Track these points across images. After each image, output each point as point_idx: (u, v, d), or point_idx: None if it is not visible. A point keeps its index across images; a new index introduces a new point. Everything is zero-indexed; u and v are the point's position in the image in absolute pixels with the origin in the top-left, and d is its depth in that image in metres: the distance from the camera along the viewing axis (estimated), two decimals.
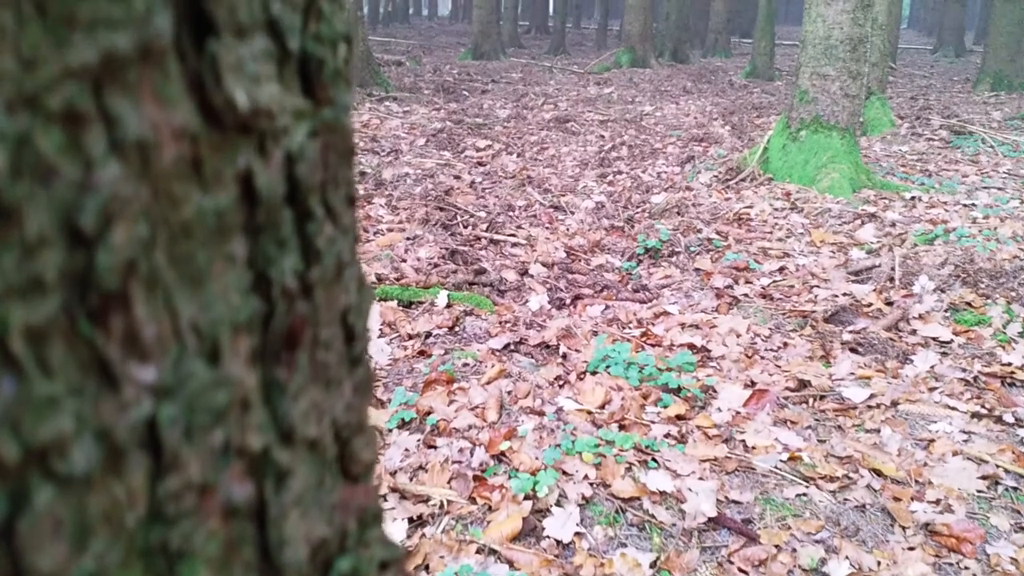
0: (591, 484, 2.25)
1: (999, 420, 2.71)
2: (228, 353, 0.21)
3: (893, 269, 4.04)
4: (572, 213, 5.48)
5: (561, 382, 2.90)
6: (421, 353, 3.11)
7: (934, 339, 3.37)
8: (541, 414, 2.61)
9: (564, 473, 2.27)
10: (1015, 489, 2.34)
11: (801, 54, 5.92)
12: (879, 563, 2.04)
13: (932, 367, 3.13)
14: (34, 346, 0.16)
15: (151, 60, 0.18)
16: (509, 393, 2.75)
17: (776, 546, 2.07)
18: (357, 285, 0.29)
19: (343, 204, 0.27)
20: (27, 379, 0.16)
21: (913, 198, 5.52)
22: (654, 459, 2.37)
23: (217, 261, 0.21)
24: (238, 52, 0.21)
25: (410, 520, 2.09)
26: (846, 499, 2.28)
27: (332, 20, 0.26)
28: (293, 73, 0.24)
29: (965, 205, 5.42)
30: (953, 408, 2.77)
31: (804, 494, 2.29)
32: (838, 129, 5.78)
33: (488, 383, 2.80)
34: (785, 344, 3.31)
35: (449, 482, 2.23)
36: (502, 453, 2.35)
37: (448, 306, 3.59)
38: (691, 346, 3.23)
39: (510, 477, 2.23)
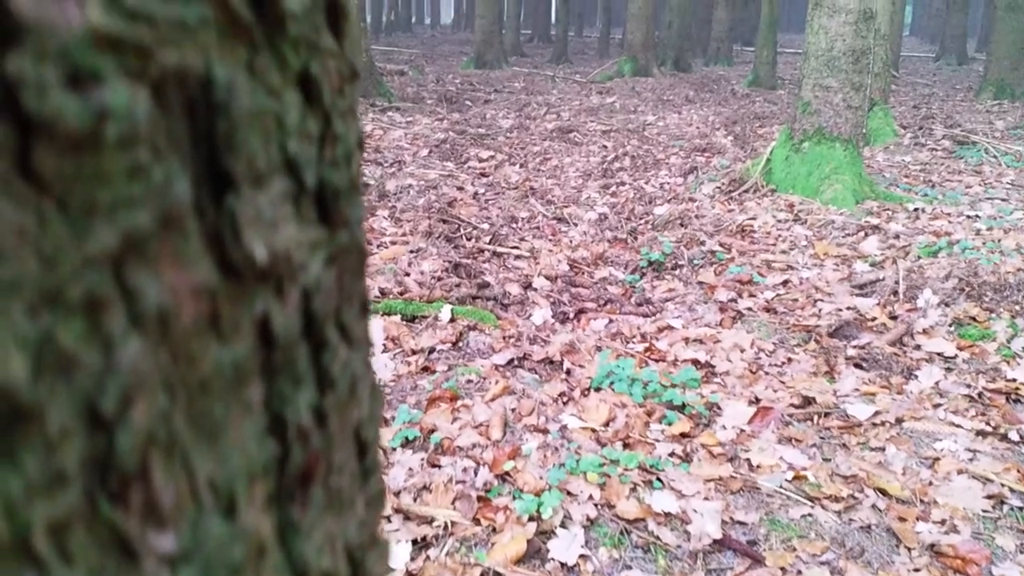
0: (596, 505, 2.25)
1: (1004, 438, 2.70)
2: (244, 504, 0.21)
3: (897, 283, 4.04)
4: (575, 225, 5.48)
5: (565, 399, 2.89)
6: (425, 369, 3.11)
7: (938, 354, 3.36)
8: (545, 432, 2.61)
9: (568, 494, 2.26)
10: (1021, 509, 2.34)
11: (803, 66, 5.93)
12: None
13: (937, 383, 3.12)
14: (56, 539, 0.16)
15: (170, 227, 0.18)
16: (513, 410, 2.74)
17: (782, 568, 2.06)
18: (369, 393, 0.29)
19: (356, 318, 0.27)
20: (48, 572, 0.16)
21: (916, 209, 5.51)
22: (659, 479, 2.37)
23: (234, 412, 0.21)
24: (256, 202, 0.21)
25: (414, 542, 2.09)
26: (851, 519, 2.27)
27: (347, 137, 0.26)
28: (310, 206, 0.24)
29: (968, 216, 5.42)
30: (958, 426, 2.77)
31: (809, 515, 2.28)
32: (841, 140, 5.78)
33: (492, 400, 2.80)
34: (789, 359, 3.30)
35: (453, 503, 2.22)
36: (506, 473, 2.35)
37: (451, 320, 3.59)
38: (695, 361, 3.23)
39: (514, 498, 2.22)
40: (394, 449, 2.46)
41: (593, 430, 2.62)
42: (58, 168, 0.16)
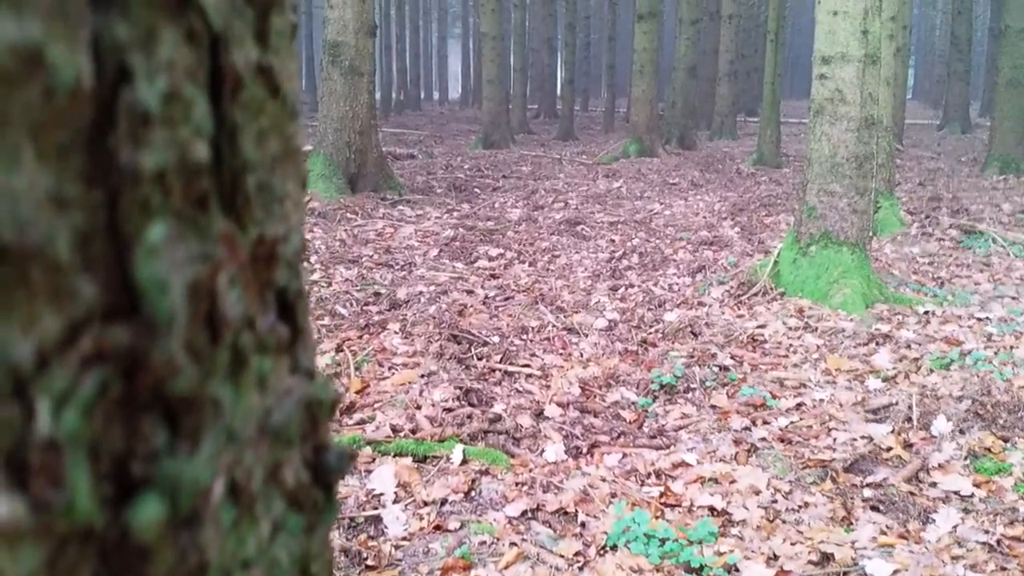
0: None
1: None
2: None
3: (910, 408, 4.02)
4: (585, 336, 5.49)
5: (581, 560, 2.87)
6: (437, 528, 3.09)
7: (955, 493, 3.33)
8: None
9: None
10: None
11: (807, 171, 5.99)
12: None
13: (954, 527, 3.08)
14: None
15: None
16: None
17: None
18: None
19: None
20: None
21: (926, 313, 5.51)
22: None
23: None
24: None
25: None
26: None
27: None
28: None
29: (979, 319, 5.41)
30: None
31: None
32: (848, 244, 5.82)
33: (506, 568, 2.78)
34: (806, 503, 3.27)
35: None
36: None
37: (463, 463, 3.58)
38: (712, 509, 3.21)
39: None
40: None
41: None
42: None
